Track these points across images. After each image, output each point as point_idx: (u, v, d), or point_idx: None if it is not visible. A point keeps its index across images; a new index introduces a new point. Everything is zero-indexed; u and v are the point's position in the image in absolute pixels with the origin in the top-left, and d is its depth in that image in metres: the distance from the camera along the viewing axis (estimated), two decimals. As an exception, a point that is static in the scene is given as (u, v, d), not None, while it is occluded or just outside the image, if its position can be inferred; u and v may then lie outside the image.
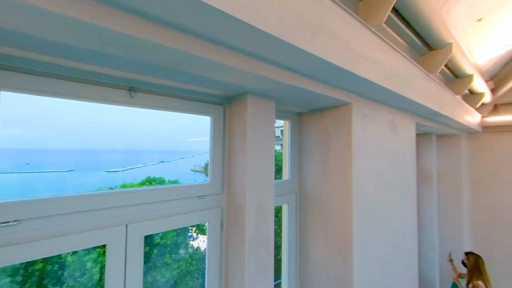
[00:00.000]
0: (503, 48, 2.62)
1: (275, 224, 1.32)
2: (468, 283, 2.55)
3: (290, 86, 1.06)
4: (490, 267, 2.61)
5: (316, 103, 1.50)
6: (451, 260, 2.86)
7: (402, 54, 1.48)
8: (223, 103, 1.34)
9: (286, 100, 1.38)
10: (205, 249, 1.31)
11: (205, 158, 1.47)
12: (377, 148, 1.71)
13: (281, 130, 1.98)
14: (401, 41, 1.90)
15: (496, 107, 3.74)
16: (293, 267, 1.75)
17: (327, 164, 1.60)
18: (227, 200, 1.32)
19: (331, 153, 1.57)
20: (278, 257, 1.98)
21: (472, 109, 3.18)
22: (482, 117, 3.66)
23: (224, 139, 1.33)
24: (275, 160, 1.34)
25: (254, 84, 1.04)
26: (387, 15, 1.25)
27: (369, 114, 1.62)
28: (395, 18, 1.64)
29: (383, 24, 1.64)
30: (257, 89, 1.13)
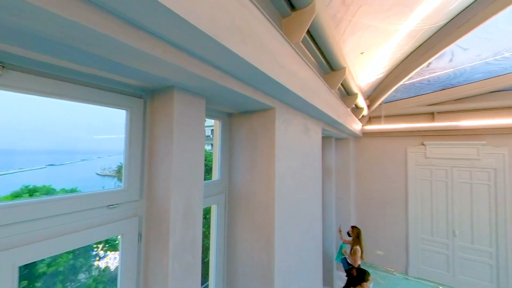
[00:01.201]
0: (374, 77, 3.65)
1: (203, 226, 1.28)
2: (351, 249, 3.43)
3: (222, 86, 1.06)
4: (364, 236, 3.57)
5: (246, 106, 1.57)
6: (340, 231, 3.74)
7: (313, 70, 1.78)
8: (144, 96, 1.18)
9: (217, 100, 1.37)
10: (116, 268, 1.10)
11: (118, 159, 1.24)
12: (294, 148, 1.99)
13: (212, 130, 1.94)
14: (313, 59, 2.28)
15: (370, 119, 5.14)
16: (221, 267, 1.76)
17: (254, 163, 1.71)
18: (147, 206, 1.17)
19: (258, 153, 1.69)
20: (206, 259, 1.93)
21: (356, 119, 4.24)
22: (362, 125, 4.94)
23: (144, 137, 1.17)
24: (205, 160, 1.30)
25: (182, 79, 0.98)
26: (303, 35, 1.48)
27: (288, 119, 1.86)
28: (309, 40, 1.95)
29: (300, 43, 1.93)
30: (186, 85, 1.07)
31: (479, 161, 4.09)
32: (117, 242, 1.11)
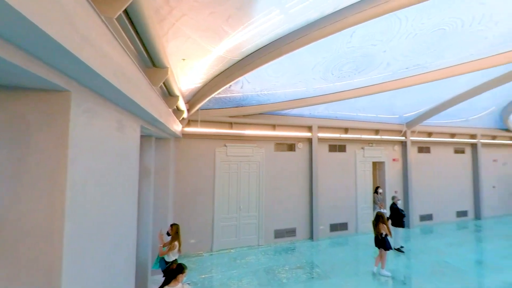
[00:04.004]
0: (194, 85, 4.10)
1: None
2: (169, 245, 3.48)
3: None
4: (181, 229, 3.83)
5: (6, 77, 0.97)
6: (160, 236, 3.68)
7: (131, 58, 1.59)
8: None
9: None
10: None
11: None
12: (103, 147, 1.61)
13: None
14: (132, 48, 2.02)
15: (189, 122, 5.66)
16: None
17: (23, 169, 1.11)
18: None
19: (33, 153, 1.12)
20: None
21: (177, 120, 4.44)
22: (182, 127, 5.30)
23: None
24: None
25: None
26: (119, 12, 1.26)
27: (94, 109, 1.47)
28: (128, 24, 1.70)
29: (116, 22, 1.62)
30: None
31: (253, 157, 6.27)
32: None
